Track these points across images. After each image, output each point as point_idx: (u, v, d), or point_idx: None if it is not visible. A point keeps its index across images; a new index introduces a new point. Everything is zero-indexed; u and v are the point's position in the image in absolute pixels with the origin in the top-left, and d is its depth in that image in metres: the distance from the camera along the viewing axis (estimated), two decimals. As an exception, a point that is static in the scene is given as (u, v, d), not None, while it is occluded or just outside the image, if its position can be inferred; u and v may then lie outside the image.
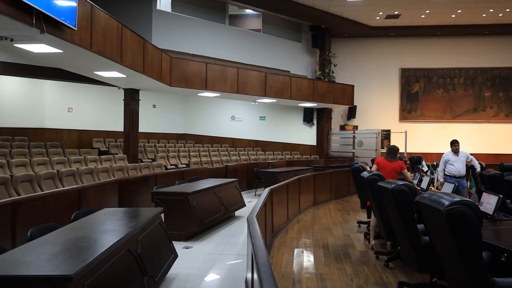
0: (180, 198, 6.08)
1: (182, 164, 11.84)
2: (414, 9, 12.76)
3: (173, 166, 11.23)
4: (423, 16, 13.34)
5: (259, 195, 5.55)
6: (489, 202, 3.93)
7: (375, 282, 4.23)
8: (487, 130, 14.87)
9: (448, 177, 7.08)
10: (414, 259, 3.59)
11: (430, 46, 15.34)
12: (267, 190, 5.80)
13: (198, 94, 12.06)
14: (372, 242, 5.44)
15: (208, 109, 15.53)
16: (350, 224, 7.26)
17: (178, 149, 12.91)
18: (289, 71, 14.30)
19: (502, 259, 2.87)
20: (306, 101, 13.50)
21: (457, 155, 7.25)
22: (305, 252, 5.42)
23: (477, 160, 7.60)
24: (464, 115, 15.12)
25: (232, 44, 13.41)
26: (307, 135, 15.45)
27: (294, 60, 14.92)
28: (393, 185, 3.69)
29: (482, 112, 15.08)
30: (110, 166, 8.50)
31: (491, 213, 3.81)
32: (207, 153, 13.24)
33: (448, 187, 5.17)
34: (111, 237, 3.15)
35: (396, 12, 13.10)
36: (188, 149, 13.12)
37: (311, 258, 5.14)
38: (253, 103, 14.12)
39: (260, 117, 15.44)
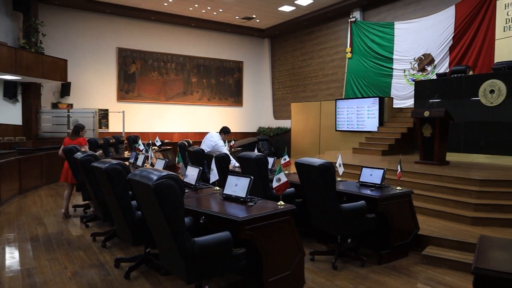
0: None
1: None
2: (130, -10, 12.89)
3: None
4: (138, -2, 13.67)
5: None
6: (192, 174, 4.52)
7: (92, 264, 4.15)
8: (194, 112, 17.01)
9: None
10: (130, 234, 3.72)
11: (147, 30, 15.95)
12: (-51, 181, 4.63)
13: None
14: (63, 210, 6.25)
15: None
16: (65, 210, 6.81)
17: None
18: (-19, 34, 11.67)
19: (201, 221, 3.38)
20: (7, 73, 11.41)
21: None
22: (7, 248, 4.69)
23: (187, 138, 8.53)
24: (175, 98, 16.66)
25: None
26: (10, 114, 13.17)
27: (-11, 22, 12.29)
28: (106, 165, 3.66)
29: (190, 96, 17.07)
30: None
31: (193, 183, 4.40)
32: None
33: (160, 164, 5.58)
34: None
35: (112, -11, 12.85)
36: None
37: (16, 254, 4.50)
38: None
39: None
